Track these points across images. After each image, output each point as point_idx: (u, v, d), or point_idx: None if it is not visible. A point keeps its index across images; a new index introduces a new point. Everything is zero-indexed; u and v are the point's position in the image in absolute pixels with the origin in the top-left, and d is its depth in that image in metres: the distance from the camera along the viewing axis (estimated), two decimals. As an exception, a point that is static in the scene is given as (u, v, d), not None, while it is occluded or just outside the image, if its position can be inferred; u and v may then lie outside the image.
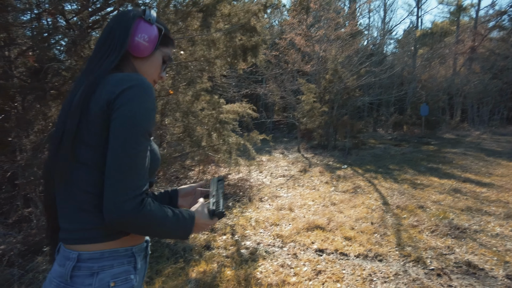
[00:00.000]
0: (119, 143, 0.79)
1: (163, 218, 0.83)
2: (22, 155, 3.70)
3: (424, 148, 11.65)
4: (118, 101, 0.80)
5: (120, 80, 0.84)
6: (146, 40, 0.94)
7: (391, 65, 18.44)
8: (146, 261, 0.99)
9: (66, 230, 0.85)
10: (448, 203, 5.06)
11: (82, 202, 0.82)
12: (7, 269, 2.69)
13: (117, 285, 0.81)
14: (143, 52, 0.95)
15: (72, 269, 0.80)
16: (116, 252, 0.84)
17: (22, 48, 3.90)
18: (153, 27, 0.96)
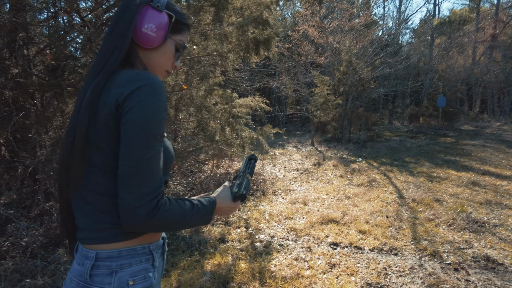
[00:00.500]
0: (130, 149, 0.76)
1: (181, 214, 0.82)
2: (42, 151, 3.82)
3: (441, 140, 11.39)
4: (127, 103, 0.77)
5: (128, 80, 0.79)
6: (153, 31, 0.87)
7: (407, 55, 18.01)
8: (163, 258, 0.98)
9: (83, 230, 0.84)
10: (466, 197, 4.95)
11: (96, 204, 0.81)
12: (30, 260, 2.80)
13: (136, 283, 0.81)
14: (152, 43, 0.88)
15: (91, 268, 0.80)
16: (133, 250, 0.83)
17: (40, 46, 3.99)
18: (162, 14, 0.88)
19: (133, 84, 0.78)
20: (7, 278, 2.53)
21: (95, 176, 0.80)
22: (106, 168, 0.80)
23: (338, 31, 12.07)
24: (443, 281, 2.68)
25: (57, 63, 3.42)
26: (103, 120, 0.78)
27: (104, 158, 0.80)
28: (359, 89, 11.42)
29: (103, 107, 0.79)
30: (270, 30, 4.68)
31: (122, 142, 0.77)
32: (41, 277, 2.56)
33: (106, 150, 0.79)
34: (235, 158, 6.23)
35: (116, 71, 0.83)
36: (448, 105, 14.53)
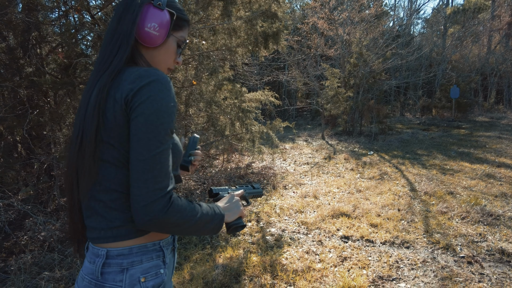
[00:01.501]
0: (142, 144, 0.76)
1: (192, 210, 0.82)
2: (56, 148, 3.90)
3: (454, 132, 11.19)
4: (137, 98, 0.77)
5: (137, 76, 0.79)
6: (156, 29, 0.87)
7: (419, 46, 17.64)
8: (174, 254, 0.98)
9: (94, 229, 0.84)
10: (480, 189, 4.86)
11: (109, 201, 0.81)
12: (48, 254, 2.89)
13: (148, 280, 0.81)
14: (155, 42, 0.88)
15: (102, 266, 0.80)
16: (144, 247, 0.83)
17: (52, 45, 4.06)
18: (164, 12, 0.88)
19: (142, 80, 0.78)
20: (27, 270, 2.62)
21: (108, 172, 0.80)
22: (119, 164, 0.80)
23: (348, 23, 11.91)
24: (456, 274, 2.66)
25: (69, 61, 3.48)
26: (112, 117, 0.78)
27: (116, 154, 0.80)
28: (370, 81, 11.27)
29: (111, 105, 0.79)
30: (279, 23, 4.65)
31: (133, 137, 0.77)
32: (58, 270, 2.64)
33: (117, 146, 0.79)
34: (245, 152, 6.25)
35: (122, 70, 0.83)
36: (461, 96, 14.22)
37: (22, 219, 3.46)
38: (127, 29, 0.85)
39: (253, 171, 6.00)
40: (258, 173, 5.89)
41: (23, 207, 3.30)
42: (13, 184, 3.43)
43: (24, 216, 3.49)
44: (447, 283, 2.53)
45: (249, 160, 6.77)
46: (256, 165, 6.48)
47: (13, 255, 2.87)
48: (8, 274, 2.59)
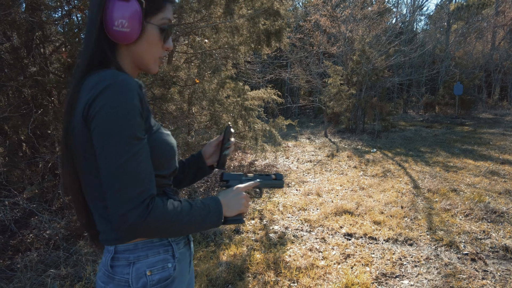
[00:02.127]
0: (104, 156, 0.73)
1: (178, 214, 0.80)
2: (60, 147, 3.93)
3: (458, 129, 11.14)
4: (92, 109, 0.72)
5: (94, 84, 0.74)
6: (125, 25, 0.77)
7: (422, 43, 17.55)
8: (189, 247, 0.98)
9: (101, 232, 0.86)
10: (484, 186, 4.85)
11: (99, 208, 0.83)
12: (53, 251, 2.92)
13: (154, 273, 0.83)
14: (129, 38, 0.80)
15: (111, 259, 0.84)
16: (150, 242, 0.85)
17: (56, 44, 4.08)
18: (130, 3, 0.78)
19: (97, 88, 0.73)
20: (33, 268, 2.65)
21: (91, 182, 0.81)
22: (91, 174, 0.80)
23: (350, 20, 11.86)
24: (460, 271, 2.66)
25: (72, 60, 3.49)
26: (79, 130, 0.77)
27: (87, 164, 0.79)
28: (373, 78, 11.23)
29: (79, 116, 0.76)
30: (281, 21, 4.65)
31: (96, 150, 0.74)
32: (64, 268, 2.66)
33: (85, 156, 0.78)
34: (248, 150, 6.26)
35: (85, 76, 0.79)
36: (465, 93, 14.14)
37: (28, 218, 3.49)
38: (90, 30, 0.80)
39: (256, 169, 6.01)
40: (261, 171, 5.90)
41: (29, 205, 3.33)
42: (19, 183, 3.46)
43: (29, 215, 3.52)
44: (451, 280, 2.54)
45: (252, 158, 6.78)
46: (259, 163, 6.49)
47: (19, 253, 2.90)
48: (14, 272, 2.62)
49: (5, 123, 3.50)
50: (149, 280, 0.83)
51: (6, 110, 3.28)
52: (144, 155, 0.76)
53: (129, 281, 0.82)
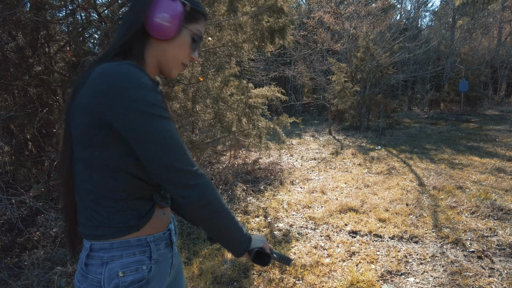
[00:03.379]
0: (147, 148, 0.75)
1: (223, 203, 0.84)
2: (66, 145, 3.95)
3: (463, 126, 11.05)
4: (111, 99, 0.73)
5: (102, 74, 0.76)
6: (167, 20, 0.81)
7: (426, 39, 17.41)
8: (171, 249, 0.97)
9: (80, 224, 0.85)
10: (490, 183, 4.81)
11: (88, 201, 0.82)
12: (60, 249, 2.94)
13: (126, 275, 0.81)
14: (167, 34, 0.83)
15: (86, 257, 0.83)
16: (126, 242, 0.83)
17: (60, 43, 4.10)
18: (176, 3, 0.83)
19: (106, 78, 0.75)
20: (40, 265, 2.67)
21: (83, 172, 0.81)
22: (91, 165, 0.80)
23: (354, 17, 11.79)
24: (466, 269, 2.64)
25: (77, 59, 3.51)
26: (86, 117, 0.77)
27: (87, 155, 0.79)
28: (377, 75, 11.16)
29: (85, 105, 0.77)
30: (285, 18, 4.63)
31: (129, 137, 0.75)
32: (70, 265, 2.69)
33: (93, 147, 0.78)
34: (252, 148, 6.26)
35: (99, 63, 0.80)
36: (471, 90, 14.02)
37: (34, 216, 3.53)
38: (134, 18, 0.82)
39: (260, 167, 6.01)
40: (265, 169, 5.90)
41: (35, 203, 3.36)
42: (25, 181, 3.49)
43: (36, 213, 3.56)
44: (457, 277, 2.52)
45: (256, 156, 6.78)
46: (263, 161, 6.49)
47: (26, 250, 2.93)
48: (22, 269, 2.65)
49: (11, 122, 3.53)
50: (121, 282, 0.81)
51: (12, 109, 3.31)
52: (177, 132, 0.80)
53: (101, 281, 0.80)
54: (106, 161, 0.79)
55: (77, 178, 0.83)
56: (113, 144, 0.78)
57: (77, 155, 0.81)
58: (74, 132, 0.80)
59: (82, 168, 0.80)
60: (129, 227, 0.83)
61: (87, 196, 0.82)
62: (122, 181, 0.81)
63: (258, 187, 5.01)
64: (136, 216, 0.84)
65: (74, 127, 0.80)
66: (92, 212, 0.82)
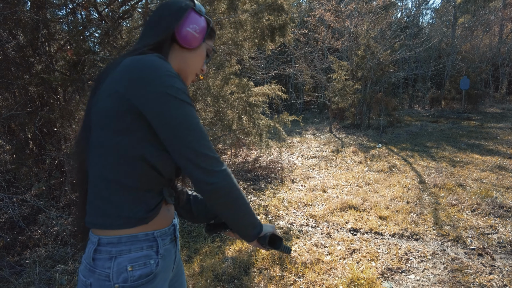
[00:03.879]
0: (174, 131, 0.79)
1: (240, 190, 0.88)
2: (67, 144, 3.96)
3: (464, 124, 11.03)
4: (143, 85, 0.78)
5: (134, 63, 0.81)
6: (197, 31, 0.93)
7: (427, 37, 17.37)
8: (175, 245, 0.98)
9: (89, 214, 0.86)
10: (491, 181, 4.81)
11: (100, 188, 0.83)
12: (61, 247, 2.95)
13: (135, 269, 0.82)
14: (192, 43, 0.93)
15: (94, 252, 0.83)
16: (134, 237, 0.84)
17: (61, 42, 4.10)
18: (202, 18, 0.95)
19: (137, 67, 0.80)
20: (41, 263, 2.68)
21: (101, 159, 0.83)
22: (107, 149, 0.82)
23: (355, 15, 11.76)
24: (466, 266, 2.64)
25: (77, 58, 3.51)
26: (113, 103, 0.80)
27: (111, 139, 0.81)
28: (378, 73, 11.14)
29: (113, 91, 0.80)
30: (286, 16, 4.62)
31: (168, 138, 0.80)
32: (71, 263, 2.70)
33: (115, 131, 0.81)
34: (253, 146, 6.26)
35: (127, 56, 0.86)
36: (472, 87, 13.98)
37: (36, 214, 3.54)
38: (171, 23, 0.90)
39: (261, 165, 6.02)
40: (265, 167, 5.91)
41: (36, 202, 3.37)
42: (26, 180, 3.50)
43: (37, 211, 3.57)
44: (457, 275, 2.52)
45: (257, 154, 6.78)
46: (264, 159, 6.49)
47: (27, 248, 2.94)
48: (23, 267, 2.66)
49: (12, 121, 3.53)
50: (130, 276, 0.81)
51: (13, 108, 3.31)
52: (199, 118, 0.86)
53: (109, 275, 0.81)
54: (127, 148, 0.81)
55: (93, 164, 0.84)
56: (138, 131, 0.81)
57: (96, 140, 0.83)
58: (97, 117, 0.82)
59: (100, 153, 0.82)
60: (138, 219, 0.84)
61: (100, 183, 0.83)
62: (138, 169, 0.83)
63: (258, 185, 5.02)
64: (145, 209, 0.85)
65: (97, 113, 0.82)
66: (103, 201, 0.83)
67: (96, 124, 0.83)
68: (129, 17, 4.38)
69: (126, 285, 0.81)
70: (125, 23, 4.55)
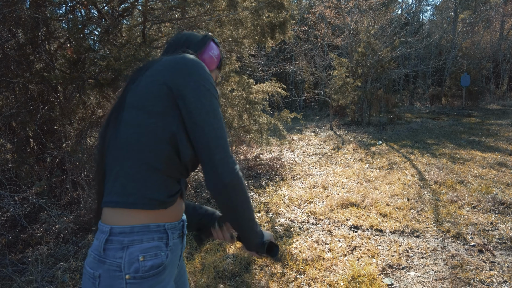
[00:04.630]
0: (211, 116, 0.88)
1: (249, 201, 0.93)
2: (67, 142, 3.97)
3: (465, 121, 11.02)
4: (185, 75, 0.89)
5: (178, 59, 0.92)
6: (216, 56, 1.12)
7: (428, 33, 17.32)
8: (182, 240, 0.99)
9: (112, 192, 0.87)
10: (491, 178, 4.81)
11: (127, 167, 0.85)
12: (63, 245, 2.96)
13: (146, 259, 0.83)
14: (211, 66, 1.11)
15: (105, 242, 0.83)
16: (146, 227, 0.85)
17: (60, 40, 4.09)
18: (218, 49, 1.14)
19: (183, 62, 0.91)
20: (43, 261, 2.69)
21: (133, 137, 0.86)
22: (147, 131, 0.86)
23: (355, 11, 11.72)
24: (467, 262, 2.65)
25: (77, 56, 3.51)
26: (157, 88, 0.88)
27: (149, 121, 0.86)
28: (378, 70, 11.12)
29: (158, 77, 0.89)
30: (286, 13, 4.61)
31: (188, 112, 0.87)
32: (73, 261, 2.71)
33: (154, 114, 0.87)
34: (253, 144, 6.26)
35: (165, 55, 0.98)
36: (472, 84, 13.96)
37: (37, 212, 3.55)
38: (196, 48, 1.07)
39: (261, 163, 6.02)
40: (266, 165, 5.91)
41: (38, 200, 3.38)
42: (27, 178, 3.51)
43: (38, 209, 3.58)
44: (458, 271, 2.53)
45: (257, 151, 6.79)
46: (264, 157, 6.50)
47: (29, 246, 2.95)
48: (26, 265, 2.67)
49: (13, 120, 3.54)
50: (141, 266, 0.82)
51: (13, 106, 3.31)
52: None
53: (121, 265, 0.81)
54: (158, 129, 0.86)
55: (122, 142, 0.87)
56: (170, 116, 0.87)
57: (129, 119, 0.87)
58: (134, 99, 0.89)
59: (131, 131, 0.86)
60: (160, 202, 0.87)
61: (127, 161, 0.86)
62: (165, 152, 0.87)
63: (259, 182, 5.02)
64: (167, 193, 0.89)
65: (135, 95, 0.89)
66: (128, 179, 0.85)
67: (133, 105, 0.88)
68: (129, 15, 4.37)
69: (137, 275, 0.81)
70: (124, 21, 4.54)
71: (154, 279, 0.84)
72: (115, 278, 0.81)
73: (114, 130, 0.89)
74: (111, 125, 0.91)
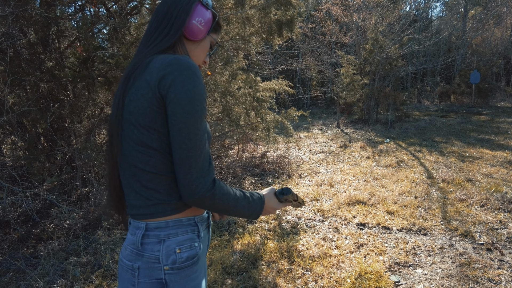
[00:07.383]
0: (183, 133, 0.82)
1: (235, 198, 0.91)
2: (77, 139, 4.03)
3: (474, 119, 10.88)
4: (172, 88, 0.81)
5: (169, 64, 0.83)
6: (202, 24, 0.96)
7: (437, 30, 17.10)
8: (209, 231, 1.05)
9: (133, 206, 0.90)
10: (501, 176, 4.76)
11: (145, 181, 0.87)
12: (74, 240, 3.02)
13: (183, 251, 0.88)
14: (197, 36, 0.96)
15: (142, 237, 0.88)
16: (180, 221, 0.90)
17: (70, 39, 4.15)
18: (208, 11, 0.98)
19: (175, 68, 0.83)
20: (55, 256, 2.76)
21: (141, 154, 0.86)
22: (151, 147, 0.85)
23: (363, 8, 11.63)
24: (475, 261, 2.64)
25: (87, 54, 3.56)
26: (148, 102, 0.82)
27: (152, 138, 0.84)
28: (386, 68, 11.03)
29: (146, 90, 0.83)
30: (293, 10, 4.61)
31: (173, 127, 0.82)
32: (84, 256, 2.76)
33: (153, 130, 0.84)
34: (260, 142, 6.28)
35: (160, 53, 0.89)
36: (482, 81, 13.75)
37: (48, 208, 3.62)
38: (181, 18, 0.93)
39: (268, 160, 6.04)
40: (273, 162, 5.93)
41: (49, 196, 3.45)
42: (39, 175, 3.58)
43: (50, 205, 3.65)
44: (465, 269, 2.52)
45: (264, 149, 6.80)
46: (271, 154, 6.51)
47: (41, 241, 3.02)
48: (38, 259, 2.73)
49: (24, 117, 3.61)
50: (178, 258, 0.87)
51: (25, 104, 3.38)
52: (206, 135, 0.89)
53: (159, 257, 0.86)
54: (166, 142, 0.85)
55: (133, 160, 0.87)
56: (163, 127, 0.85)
57: (133, 137, 0.85)
58: (130, 116, 0.85)
59: (139, 149, 0.85)
60: (184, 203, 0.90)
61: (144, 177, 0.87)
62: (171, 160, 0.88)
63: (266, 180, 5.04)
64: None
65: (130, 112, 0.85)
66: (151, 192, 0.87)
67: (128, 122, 0.86)
68: (137, 13, 4.41)
69: (174, 266, 0.87)
70: (133, 19, 4.58)
71: (190, 269, 0.89)
72: (154, 270, 0.86)
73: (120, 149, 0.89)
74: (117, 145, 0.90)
